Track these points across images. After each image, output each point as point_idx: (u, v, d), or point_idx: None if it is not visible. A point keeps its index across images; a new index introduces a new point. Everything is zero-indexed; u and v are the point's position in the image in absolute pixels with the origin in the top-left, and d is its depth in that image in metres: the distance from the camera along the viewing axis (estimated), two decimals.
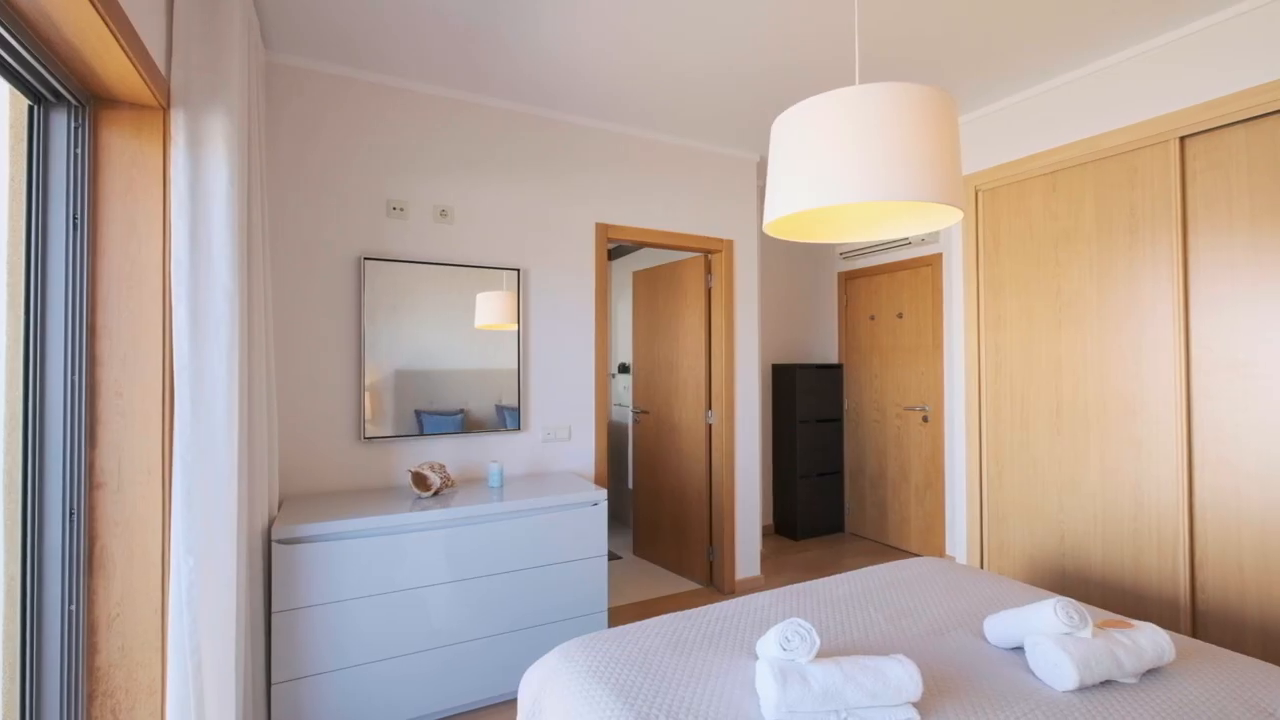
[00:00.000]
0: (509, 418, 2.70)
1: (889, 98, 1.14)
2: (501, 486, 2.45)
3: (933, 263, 3.87)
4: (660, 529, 3.75)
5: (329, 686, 1.91)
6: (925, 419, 3.90)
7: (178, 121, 1.47)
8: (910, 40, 2.21)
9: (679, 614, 1.62)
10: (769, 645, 1.26)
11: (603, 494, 2.39)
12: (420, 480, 2.26)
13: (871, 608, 1.66)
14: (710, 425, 3.39)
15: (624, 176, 3.06)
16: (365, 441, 2.43)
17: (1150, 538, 2.21)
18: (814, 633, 1.24)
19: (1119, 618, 1.45)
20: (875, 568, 1.98)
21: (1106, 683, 1.27)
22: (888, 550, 4.08)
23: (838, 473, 4.47)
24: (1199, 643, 1.47)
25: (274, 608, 1.85)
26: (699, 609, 1.66)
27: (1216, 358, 2.05)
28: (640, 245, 3.19)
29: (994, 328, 2.75)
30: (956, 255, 2.93)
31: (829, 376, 4.43)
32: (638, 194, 3.10)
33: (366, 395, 2.41)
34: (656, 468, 3.78)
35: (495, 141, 2.73)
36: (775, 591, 1.78)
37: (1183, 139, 2.14)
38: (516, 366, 2.72)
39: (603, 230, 2.98)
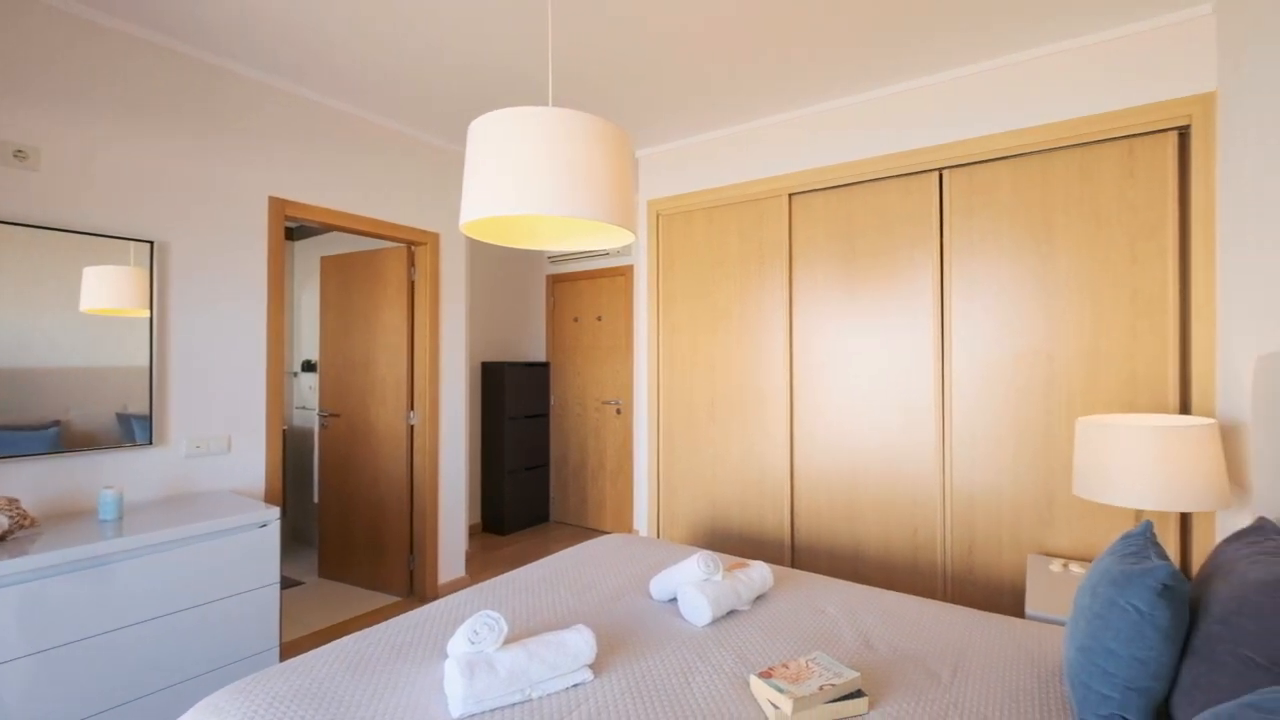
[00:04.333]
0: (139, 429, 2.12)
1: (580, 125, 1.25)
2: (119, 519, 1.91)
3: (626, 273, 4.36)
4: (353, 544, 3.40)
5: None
6: (618, 411, 4.38)
7: None
8: (601, 77, 2.45)
9: (361, 633, 1.51)
10: (458, 642, 1.26)
11: (274, 513, 2.06)
12: None
13: (561, 587, 1.80)
14: (412, 426, 3.22)
15: (313, 148, 2.68)
16: None
17: (770, 498, 2.88)
18: (502, 621, 1.29)
19: (741, 560, 1.87)
20: (567, 550, 2.15)
21: (731, 613, 1.63)
22: (588, 533, 4.45)
23: (545, 465, 4.69)
24: (792, 570, 1.99)
25: None
26: (386, 622, 1.57)
27: (806, 361, 2.79)
28: (330, 228, 2.84)
29: (669, 332, 3.24)
30: (642, 268, 3.37)
31: (537, 374, 4.62)
32: (329, 170, 2.75)
33: None
34: (349, 476, 3.42)
35: (122, 72, 2.11)
36: (474, 588, 1.79)
37: (791, 195, 2.85)
38: (149, 363, 2.15)
39: (279, 205, 2.56)
